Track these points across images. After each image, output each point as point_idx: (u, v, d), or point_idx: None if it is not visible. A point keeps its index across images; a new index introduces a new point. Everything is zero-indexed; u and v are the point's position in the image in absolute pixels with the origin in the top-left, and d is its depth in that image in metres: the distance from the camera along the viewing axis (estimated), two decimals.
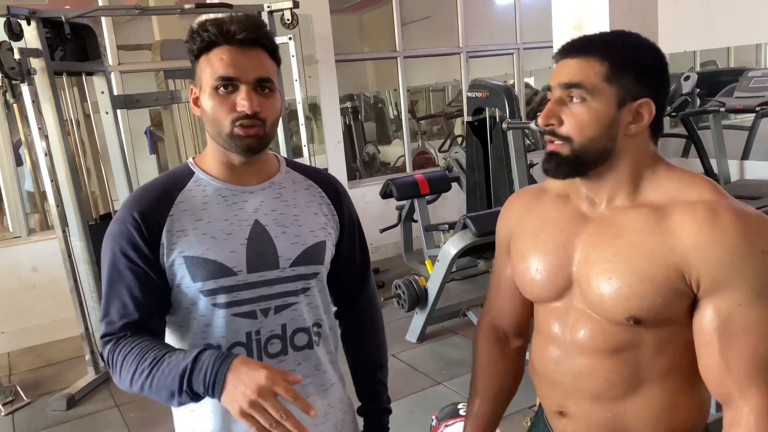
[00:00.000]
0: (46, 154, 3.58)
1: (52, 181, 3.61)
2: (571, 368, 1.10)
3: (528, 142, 6.41)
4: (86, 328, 3.78)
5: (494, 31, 8.11)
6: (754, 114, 5.79)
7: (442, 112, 9.38)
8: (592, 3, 2.33)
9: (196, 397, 1.05)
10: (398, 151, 8.23)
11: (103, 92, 4.12)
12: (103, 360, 3.67)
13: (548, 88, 1.06)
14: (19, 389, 3.72)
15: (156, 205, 1.17)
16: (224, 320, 1.18)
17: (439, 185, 4.99)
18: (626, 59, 1.02)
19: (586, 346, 1.08)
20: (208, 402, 1.15)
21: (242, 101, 1.11)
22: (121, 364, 1.11)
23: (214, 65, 1.13)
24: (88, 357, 3.80)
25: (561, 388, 1.13)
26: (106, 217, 4.15)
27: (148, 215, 1.15)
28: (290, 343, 1.23)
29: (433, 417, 2.55)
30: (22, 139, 5.40)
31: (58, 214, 3.65)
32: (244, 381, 0.99)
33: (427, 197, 5.08)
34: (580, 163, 1.03)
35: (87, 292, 3.80)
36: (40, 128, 3.54)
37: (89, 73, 4.06)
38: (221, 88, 1.12)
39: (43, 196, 5.65)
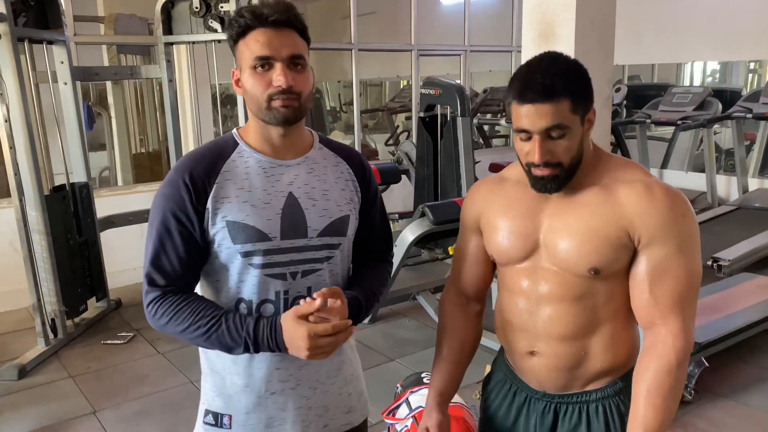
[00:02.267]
0: (6, 121, 3.52)
1: (11, 148, 3.56)
2: (541, 315, 1.36)
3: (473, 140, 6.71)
4: (38, 299, 3.73)
5: (440, 32, 8.40)
6: (675, 127, 6.33)
7: (385, 106, 9.60)
8: (560, 17, 2.59)
9: (256, 352, 1.29)
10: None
11: (62, 62, 4.07)
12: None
13: (523, 130, 1.25)
14: None
15: (205, 173, 1.29)
16: (257, 279, 1.32)
17: (391, 177, 5.19)
18: (577, 89, 1.25)
19: (554, 297, 1.34)
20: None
21: (278, 77, 1.25)
22: (171, 317, 1.27)
23: (251, 47, 1.26)
24: (38, 328, 3.75)
25: (532, 333, 1.37)
26: (60, 189, 4.10)
27: (198, 181, 1.28)
28: None
29: (398, 385, 2.75)
30: None
31: (15, 182, 3.59)
32: (295, 338, 1.25)
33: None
34: (569, 177, 1.29)
35: (40, 263, 3.76)
36: (1, 94, 3.48)
37: (50, 42, 4.00)
38: (259, 68, 1.26)
39: None
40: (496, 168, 6.58)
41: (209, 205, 1.28)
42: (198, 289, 1.39)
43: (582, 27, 2.57)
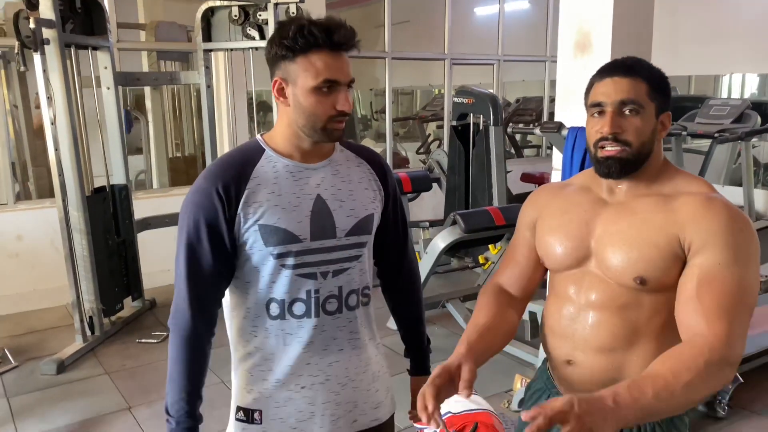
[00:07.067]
0: (52, 123, 3.64)
1: (56, 150, 3.68)
2: (582, 323, 1.33)
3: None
4: (77, 297, 3.84)
5: (474, 42, 8.41)
6: (712, 139, 6.22)
7: (417, 115, 9.63)
8: (596, 29, 2.59)
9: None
10: None
11: (106, 67, 4.20)
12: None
13: (598, 104, 1.28)
14: (7, 352, 3.76)
15: (235, 180, 1.33)
16: (289, 279, 1.36)
17: (421, 184, 5.21)
18: (658, 81, 1.29)
19: (597, 304, 1.32)
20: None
21: (344, 102, 1.29)
22: (175, 344, 1.39)
23: (318, 67, 1.26)
24: (77, 325, 3.86)
25: (571, 341, 1.36)
26: (101, 191, 4.22)
27: (230, 189, 1.32)
28: (345, 303, 1.42)
29: None
30: (6, 108, 5.39)
31: (59, 183, 3.71)
32: None
33: (408, 195, 5.30)
34: (634, 164, 1.27)
35: (80, 262, 3.87)
36: (49, 97, 3.60)
37: (94, 48, 4.13)
38: (325, 89, 1.28)
39: (23, 166, 5.65)
40: (528, 178, 6.55)
41: (240, 211, 1.32)
42: (227, 293, 1.44)
43: (618, 39, 2.58)
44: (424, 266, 3.81)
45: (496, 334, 1.38)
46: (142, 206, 4.75)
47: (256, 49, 4.40)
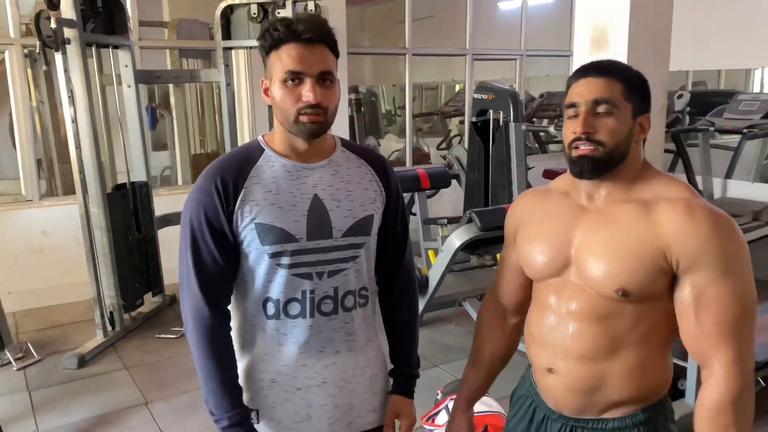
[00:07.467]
0: (73, 121, 3.70)
1: (77, 147, 3.74)
2: (563, 332, 1.31)
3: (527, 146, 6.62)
4: (98, 292, 3.90)
5: (497, 36, 8.33)
6: (740, 135, 6.07)
7: (439, 110, 9.58)
8: (613, 23, 2.53)
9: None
10: (391, 145, 8.40)
11: (127, 66, 4.25)
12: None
13: (572, 105, 1.27)
14: (30, 346, 3.84)
15: (233, 177, 1.34)
16: (284, 279, 1.36)
17: (440, 181, 5.17)
18: (635, 82, 1.27)
19: (578, 314, 1.29)
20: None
21: (307, 93, 1.29)
22: (197, 343, 1.36)
23: (283, 60, 1.29)
24: (98, 320, 3.93)
25: (552, 349, 1.33)
26: (121, 188, 4.28)
27: (228, 186, 1.33)
28: (340, 304, 1.41)
29: (439, 391, 2.75)
30: (33, 105, 5.49)
31: (80, 180, 3.77)
32: None
33: (426, 192, 5.26)
34: (608, 164, 1.24)
35: (100, 258, 3.93)
36: (70, 96, 3.66)
37: (115, 47, 4.18)
38: (289, 81, 1.29)
39: (49, 163, 5.75)
40: (550, 174, 6.47)
41: (238, 209, 1.33)
42: None
43: (635, 33, 2.51)
44: (440, 264, 3.79)
45: (495, 366, 1.57)
46: (164, 202, 4.80)
47: None
